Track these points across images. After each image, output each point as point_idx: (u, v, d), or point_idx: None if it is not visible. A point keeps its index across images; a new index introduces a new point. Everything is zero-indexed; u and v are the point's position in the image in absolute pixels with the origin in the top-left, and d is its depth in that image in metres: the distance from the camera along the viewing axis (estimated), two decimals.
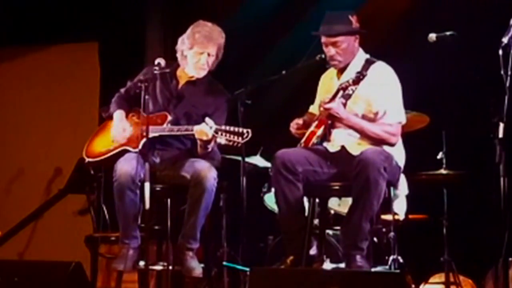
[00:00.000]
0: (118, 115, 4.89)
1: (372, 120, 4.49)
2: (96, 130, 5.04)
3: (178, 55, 4.89)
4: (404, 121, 4.53)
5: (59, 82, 7.41)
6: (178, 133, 4.69)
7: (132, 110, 4.92)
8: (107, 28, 7.00)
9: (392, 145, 4.46)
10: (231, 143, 4.51)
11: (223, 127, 4.52)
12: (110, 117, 4.94)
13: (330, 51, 4.53)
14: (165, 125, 4.71)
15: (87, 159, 4.90)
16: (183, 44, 4.86)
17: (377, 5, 6.06)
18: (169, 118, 4.74)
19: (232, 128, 4.51)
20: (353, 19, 4.55)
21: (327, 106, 4.38)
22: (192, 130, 4.61)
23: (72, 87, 7.33)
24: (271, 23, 6.41)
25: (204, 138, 4.56)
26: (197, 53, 4.81)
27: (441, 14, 5.80)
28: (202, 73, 4.84)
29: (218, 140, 4.53)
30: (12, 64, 7.61)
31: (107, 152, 4.81)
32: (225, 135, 4.50)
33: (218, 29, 4.87)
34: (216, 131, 4.51)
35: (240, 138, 4.48)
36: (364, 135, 4.46)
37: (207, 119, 4.57)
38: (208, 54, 4.81)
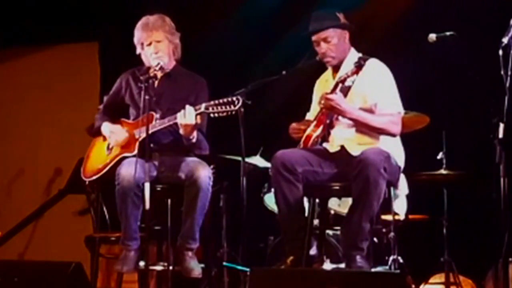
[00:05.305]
0: (105, 126, 4.92)
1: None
2: (87, 152, 5.04)
3: (143, 58, 4.94)
4: (402, 111, 4.54)
5: (59, 82, 7.41)
6: (170, 123, 4.68)
7: (115, 122, 4.94)
8: (107, 28, 7.00)
9: (394, 135, 4.47)
10: (225, 114, 4.51)
11: (212, 102, 4.55)
12: (97, 133, 4.96)
13: (322, 47, 4.55)
14: (154, 123, 4.71)
15: (87, 180, 4.90)
16: (137, 47, 4.93)
17: (377, 5, 6.06)
18: (156, 115, 4.74)
19: (221, 100, 4.53)
20: (341, 15, 4.58)
21: (329, 96, 4.38)
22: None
23: (72, 87, 7.33)
24: (271, 23, 6.41)
25: (188, 122, 4.56)
26: (146, 46, 4.86)
27: (441, 14, 5.80)
28: (164, 61, 4.83)
29: (212, 115, 4.55)
30: (12, 65, 7.61)
31: (106, 165, 4.81)
32: (217, 108, 4.52)
33: (158, 17, 4.90)
34: (206, 108, 4.53)
35: (232, 106, 4.49)
36: (366, 126, 4.45)
37: (187, 106, 4.60)
38: (156, 41, 4.84)
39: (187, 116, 4.56)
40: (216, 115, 4.54)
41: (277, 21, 6.40)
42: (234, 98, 4.50)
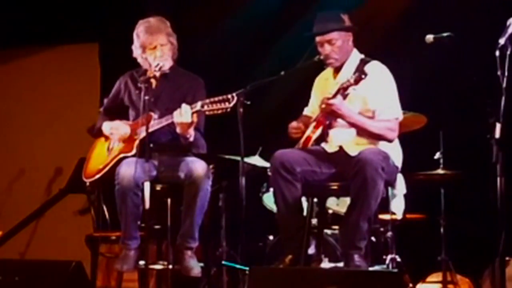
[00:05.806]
0: (106, 125, 4.95)
1: (369, 118, 4.52)
2: (88, 154, 5.06)
3: (139, 61, 4.95)
4: (401, 117, 4.56)
5: (60, 83, 7.43)
6: (167, 122, 4.71)
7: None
8: (107, 29, 7.02)
9: (390, 141, 4.49)
10: (221, 111, 4.55)
11: (207, 100, 4.58)
12: (98, 133, 4.99)
13: (326, 49, 4.56)
14: (152, 122, 4.74)
15: (88, 181, 4.93)
16: (136, 50, 4.94)
17: (375, 6, 6.08)
18: (155, 116, 4.76)
19: (216, 98, 4.56)
20: (345, 17, 4.59)
21: (330, 101, 4.41)
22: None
23: (72, 88, 7.35)
24: (271, 23, 6.43)
25: (184, 120, 4.58)
26: (150, 50, 4.87)
27: (439, 15, 5.82)
28: (166, 64, 4.87)
29: (207, 113, 4.58)
30: (13, 65, 7.63)
31: (106, 166, 4.84)
32: (212, 106, 4.55)
33: (159, 19, 4.93)
34: (202, 106, 4.56)
35: (227, 103, 4.52)
36: (364, 131, 4.48)
37: (183, 104, 4.62)
38: (161, 45, 4.86)
39: (183, 115, 4.59)
40: (211, 112, 4.57)
41: (277, 21, 6.42)
42: (229, 96, 4.53)
